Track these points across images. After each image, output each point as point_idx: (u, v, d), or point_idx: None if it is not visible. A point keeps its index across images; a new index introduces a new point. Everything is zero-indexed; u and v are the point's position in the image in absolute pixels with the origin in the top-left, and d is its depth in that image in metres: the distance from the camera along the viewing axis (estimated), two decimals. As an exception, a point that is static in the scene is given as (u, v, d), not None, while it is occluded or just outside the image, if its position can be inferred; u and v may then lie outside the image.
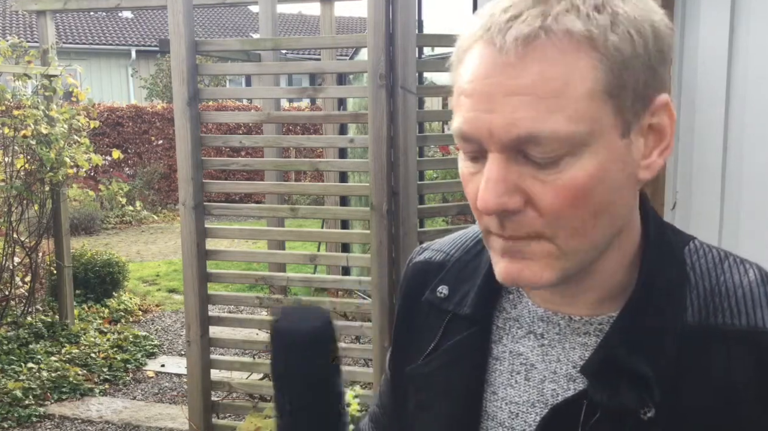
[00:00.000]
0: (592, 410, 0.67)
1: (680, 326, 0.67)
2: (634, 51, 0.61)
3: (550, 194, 0.62)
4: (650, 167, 0.66)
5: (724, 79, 2.76)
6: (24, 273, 5.71)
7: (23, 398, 4.47)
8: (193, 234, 3.32)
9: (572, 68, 0.59)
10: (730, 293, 0.68)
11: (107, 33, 19.54)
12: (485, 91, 0.61)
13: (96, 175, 11.44)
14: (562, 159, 0.61)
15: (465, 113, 0.63)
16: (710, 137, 2.87)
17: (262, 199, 8.03)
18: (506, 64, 0.60)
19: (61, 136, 5.30)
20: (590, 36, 0.60)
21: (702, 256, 0.72)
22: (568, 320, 0.72)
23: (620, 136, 0.62)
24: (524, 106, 0.59)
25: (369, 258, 3.16)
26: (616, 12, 0.61)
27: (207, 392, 3.44)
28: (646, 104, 0.63)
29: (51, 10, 5.31)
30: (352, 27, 21.67)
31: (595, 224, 0.64)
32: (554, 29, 0.59)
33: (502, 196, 0.62)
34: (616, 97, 0.61)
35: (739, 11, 2.70)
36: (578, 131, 0.60)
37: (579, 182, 0.61)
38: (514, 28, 0.60)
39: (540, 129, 0.59)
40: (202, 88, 3.42)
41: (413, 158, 3.05)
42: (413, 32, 3.00)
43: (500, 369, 0.76)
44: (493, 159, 0.62)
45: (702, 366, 0.66)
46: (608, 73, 0.60)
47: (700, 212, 2.96)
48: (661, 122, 0.65)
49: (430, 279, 0.84)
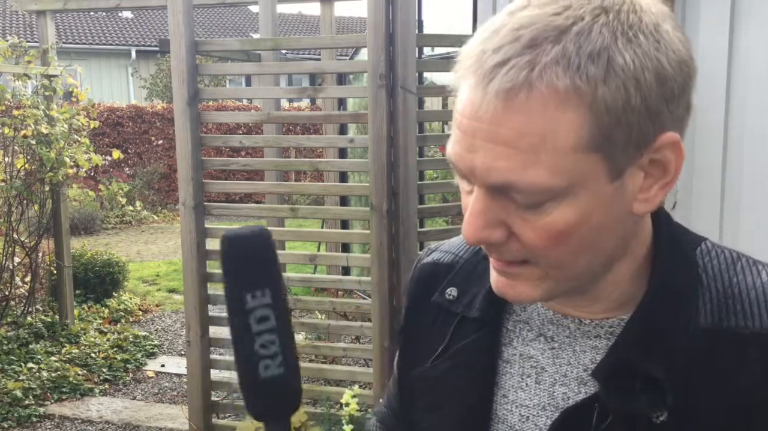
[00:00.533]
0: (603, 414, 0.67)
1: (693, 328, 0.67)
2: (629, 104, 0.58)
3: (530, 233, 0.62)
4: (649, 201, 0.64)
5: (724, 80, 2.76)
6: (24, 273, 5.71)
7: (23, 398, 4.47)
8: (193, 234, 3.32)
9: (555, 123, 0.57)
10: (743, 296, 0.67)
11: (107, 33, 19.54)
12: (469, 132, 0.61)
13: (96, 175, 11.44)
14: (545, 204, 0.60)
15: (453, 145, 0.63)
16: (710, 137, 2.87)
17: (262, 199, 8.03)
18: (488, 111, 0.58)
19: (61, 136, 5.30)
20: (577, 91, 0.57)
21: (714, 257, 0.71)
22: (578, 323, 0.72)
23: (609, 181, 0.61)
24: (503, 156, 0.58)
25: (369, 258, 3.16)
26: (613, 62, 0.57)
27: (207, 392, 3.44)
28: (644, 147, 0.61)
29: (51, 10, 5.31)
30: (352, 27, 21.67)
31: (578, 260, 0.64)
32: (537, 85, 0.57)
33: (483, 230, 0.62)
34: (603, 150, 0.59)
35: (739, 11, 2.70)
36: (557, 185, 0.59)
37: (560, 226, 0.61)
38: (497, 80, 0.57)
39: (517, 180, 0.59)
40: (202, 89, 3.42)
41: (413, 158, 3.05)
42: (413, 32, 3.01)
43: (510, 372, 0.75)
44: (478, 194, 0.63)
45: (714, 369, 0.65)
46: (594, 129, 0.58)
47: (700, 212, 2.96)
48: (665, 158, 0.62)
49: (438, 281, 0.84)
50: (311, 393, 3.36)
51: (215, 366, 3.51)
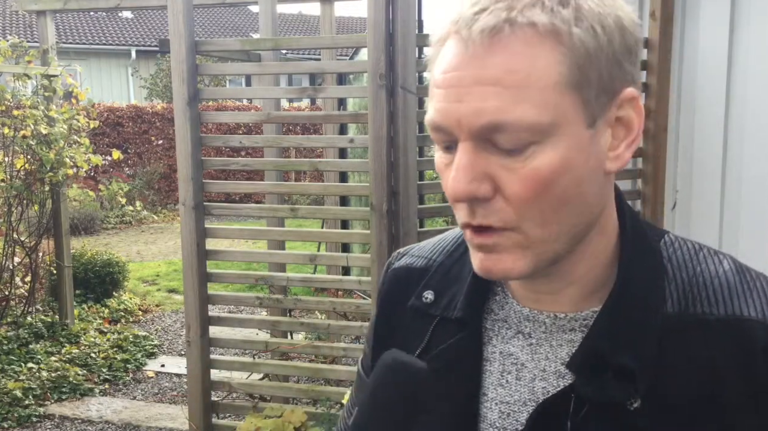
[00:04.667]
0: (580, 403, 0.68)
1: (661, 317, 0.69)
2: (598, 45, 0.62)
3: (516, 182, 0.63)
4: (618, 158, 0.67)
5: (724, 79, 2.76)
6: (24, 273, 5.72)
7: (23, 398, 4.47)
8: (193, 234, 3.32)
9: (537, 60, 0.61)
10: (707, 284, 0.70)
11: (107, 33, 19.54)
12: (454, 83, 0.63)
13: (96, 175, 11.45)
14: (528, 148, 0.62)
15: (436, 104, 0.65)
16: (710, 137, 2.87)
17: (262, 199, 8.02)
18: (473, 55, 0.62)
19: (61, 136, 5.30)
20: (555, 29, 0.61)
21: (678, 248, 0.74)
22: (553, 318, 0.73)
23: (586, 127, 0.64)
24: (490, 96, 0.61)
25: (369, 258, 3.16)
26: (580, 6, 0.62)
27: (207, 392, 3.44)
28: (611, 97, 0.65)
29: (51, 10, 5.31)
30: (352, 27, 21.67)
31: (561, 214, 0.65)
32: (519, 21, 0.61)
33: (471, 182, 0.63)
34: (580, 90, 0.63)
35: (739, 11, 2.70)
36: (543, 121, 0.61)
37: (544, 170, 0.63)
38: (480, 21, 0.62)
39: (505, 118, 0.61)
40: (202, 89, 3.42)
41: (413, 158, 3.05)
42: (413, 32, 3.00)
43: (490, 370, 0.76)
44: (463, 148, 0.64)
45: (684, 355, 0.68)
46: (573, 67, 0.62)
47: (700, 212, 2.96)
48: (627, 115, 0.67)
49: (412, 285, 0.84)
50: (311, 393, 3.36)
51: (215, 366, 3.51)
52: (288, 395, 3.70)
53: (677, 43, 3.02)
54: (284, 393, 3.65)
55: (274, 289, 3.98)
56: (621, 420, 0.67)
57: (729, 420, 0.66)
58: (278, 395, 3.71)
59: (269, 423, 3.04)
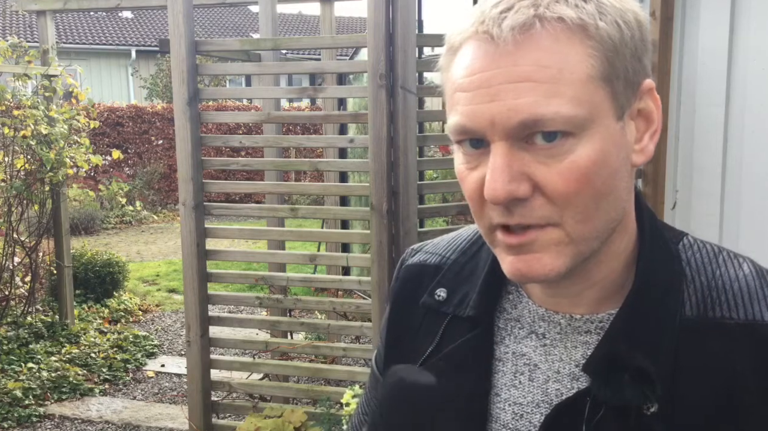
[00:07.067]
0: (595, 407, 0.67)
1: (679, 320, 0.68)
2: (623, 39, 0.63)
3: (556, 178, 0.62)
4: (643, 151, 0.68)
5: (724, 79, 2.76)
6: (24, 273, 5.71)
7: (23, 398, 4.47)
8: (193, 234, 3.32)
9: (568, 55, 0.61)
10: (727, 287, 0.69)
11: (107, 33, 19.54)
12: (484, 83, 0.62)
13: (96, 175, 11.45)
14: (565, 143, 0.62)
15: (463, 107, 0.64)
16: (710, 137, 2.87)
17: (262, 199, 8.03)
18: (504, 53, 0.62)
19: (61, 136, 5.30)
20: (583, 23, 0.62)
21: (697, 251, 0.73)
22: (569, 319, 0.72)
23: (616, 120, 0.64)
24: (525, 91, 0.61)
25: (369, 258, 3.16)
26: (601, 2, 0.63)
27: (207, 392, 3.44)
28: (635, 90, 0.66)
29: (51, 10, 5.31)
30: (352, 27, 21.67)
31: (601, 209, 0.65)
32: (548, 17, 0.61)
33: (510, 183, 0.62)
34: (611, 83, 0.63)
35: (739, 11, 2.70)
36: (579, 114, 0.61)
37: (582, 164, 0.62)
38: (509, 18, 0.61)
39: (543, 112, 0.60)
40: (202, 89, 3.42)
41: (413, 158, 3.05)
42: (413, 32, 3.00)
43: (503, 370, 0.75)
44: (497, 149, 0.63)
45: (702, 359, 0.67)
46: (603, 60, 0.62)
47: (700, 212, 2.96)
48: (648, 107, 0.67)
49: (425, 282, 0.84)
50: (311, 393, 3.36)
51: (215, 366, 3.51)
52: (288, 395, 3.70)
53: (677, 43, 3.02)
54: (284, 393, 3.65)
55: (274, 289, 3.98)
56: (637, 424, 0.66)
57: (746, 427, 0.65)
58: (278, 395, 3.71)
59: (269, 423, 3.04)
